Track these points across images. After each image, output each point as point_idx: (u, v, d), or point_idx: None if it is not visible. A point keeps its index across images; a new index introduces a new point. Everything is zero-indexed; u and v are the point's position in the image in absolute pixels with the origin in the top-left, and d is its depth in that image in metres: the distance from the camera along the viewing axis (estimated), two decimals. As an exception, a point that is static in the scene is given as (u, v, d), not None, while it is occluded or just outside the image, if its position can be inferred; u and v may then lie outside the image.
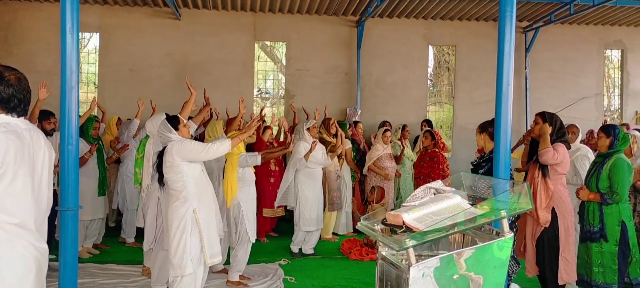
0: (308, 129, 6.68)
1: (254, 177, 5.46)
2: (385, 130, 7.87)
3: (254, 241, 5.37)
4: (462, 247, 3.06)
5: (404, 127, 9.04)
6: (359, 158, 8.29)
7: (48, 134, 5.84)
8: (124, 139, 7.04)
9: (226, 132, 5.56)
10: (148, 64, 9.89)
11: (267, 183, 7.26)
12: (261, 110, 5.24)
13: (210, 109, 6.99)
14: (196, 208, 4.16)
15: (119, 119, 7.78)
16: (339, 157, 7.41)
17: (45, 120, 5.96)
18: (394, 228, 2.92)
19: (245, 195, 5.27)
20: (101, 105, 7.64)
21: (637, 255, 4.59)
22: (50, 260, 2.70)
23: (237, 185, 5.11)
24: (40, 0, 9.48)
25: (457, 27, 10.78)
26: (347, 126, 8.44)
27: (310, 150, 6.39)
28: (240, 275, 5.44)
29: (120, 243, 7.21)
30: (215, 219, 4.41)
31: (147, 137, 5.47)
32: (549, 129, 4.48)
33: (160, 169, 4.29)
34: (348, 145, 7.81)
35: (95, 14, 9.68)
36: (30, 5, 9.55)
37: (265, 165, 7.07)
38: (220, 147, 4.21)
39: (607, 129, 4.64)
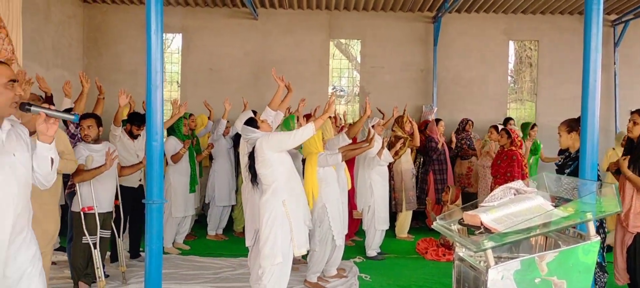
0: (372, 126, 6.62)
1: (336, 176, 5.39)
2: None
3: (340, 244, 5.34)
4: (545, 250, 2.94)
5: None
6: (436, 156, 8.16)
7: (134, 137, 6.10)
8: (214, 138, 7.31)
9: (348, 133, 5.65)
10: (227, 64, 10.18)
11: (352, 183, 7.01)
12: (332, 94, 5.23)
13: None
14: (285, 200, 4.28)
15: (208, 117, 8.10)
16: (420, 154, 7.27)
17: (135, 126, 6.07)
18: (472, 229, 2.84)
19: (330, 196, 5.23)
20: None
21: None
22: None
23: (320, 185, 5.10)
24: (127, 3, 9.98)
25: (539, 21, 10.34)
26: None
27: (382, 147, 6.32)
28: (318, 277, 5.46)
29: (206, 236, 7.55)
30: (303, 211, 4.49)
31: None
32: None
33: (253, 169, 4.44)
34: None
35: (178, 15, 10.07)
36: (118, 8, 10.08)
37: (352, 164, 6.97)
38: (305, 131, 4.26)
39: None
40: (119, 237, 5.43)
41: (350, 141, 5.79)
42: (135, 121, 6.04)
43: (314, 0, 9.67)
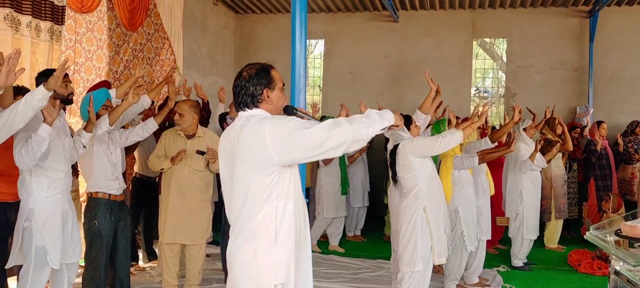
0: (524, 129, 6.28)
1: (471, 179, 5.23)
2: None
3: (471, 250, 5.19)
4: None
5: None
6: (597, 161, 7.57)
7: None
8: None
9: (491, 138, 5.48)
10: (367, 66, 10.29)
11: (499, 188, 6.60)
12: (485, 104, 5.04)
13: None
14: (426, 207, 4.18)
15: None
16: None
17: None
18: (632, 241, 2.59)
19: (463, 199, 5.09)
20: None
21: None
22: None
23: (454, 188, 4.97)
24: (275, 12, 10.51)
25: None
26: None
27: (535, 151, 5.95)
28: (457, 285, 5.32)
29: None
30: (444, 218, 4.38)
31: None
32: None
33: (394, 167, 4.40)
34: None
35: (321, 21, 10.39)
36: (265, 17, 10.67)
37: (499, 168, 6.72)
38: (452, 138, 4.11)
39: None
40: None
41: (493, 146, 5.54)
42: None
43: (457, -1, 9.44)
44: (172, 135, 4.79)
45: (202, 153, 4.74)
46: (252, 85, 2.44)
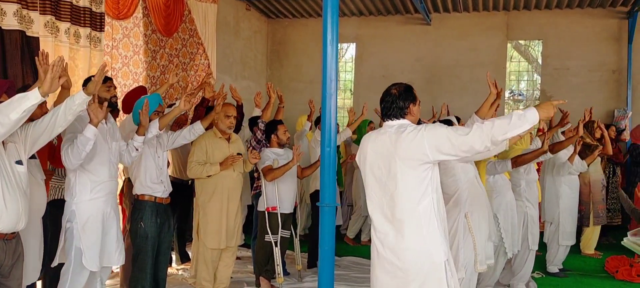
0: (563, 132, 6.13)
1: (508, 184, 5.07)
2: None
3: (510, 256, 5.04)
4: None
5: None
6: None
7: None
8: None
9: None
10: (399, 70, 10.23)
11: None
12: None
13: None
14: (468, 213, 4.06)
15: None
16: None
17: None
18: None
19: (502, 205, 4.93)
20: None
21: None
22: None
23: (492, 195, 4.82)
24: (306, 16, 10.55)
25: None
26: None
27: (574, 153, 5.81)
28: None
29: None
30: (487, 225, 4.22)
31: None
32: None
33: None
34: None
35: (353, 25, 10.38)
36: (297, 22, 10.72)
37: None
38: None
39: None
40: (296, 237, 5.74)
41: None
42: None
43: (491, 1, 9.30)
44: (212, 139, 4.77)
45: (239, 155, 4.79)
46: (402, 99, 2.99)
